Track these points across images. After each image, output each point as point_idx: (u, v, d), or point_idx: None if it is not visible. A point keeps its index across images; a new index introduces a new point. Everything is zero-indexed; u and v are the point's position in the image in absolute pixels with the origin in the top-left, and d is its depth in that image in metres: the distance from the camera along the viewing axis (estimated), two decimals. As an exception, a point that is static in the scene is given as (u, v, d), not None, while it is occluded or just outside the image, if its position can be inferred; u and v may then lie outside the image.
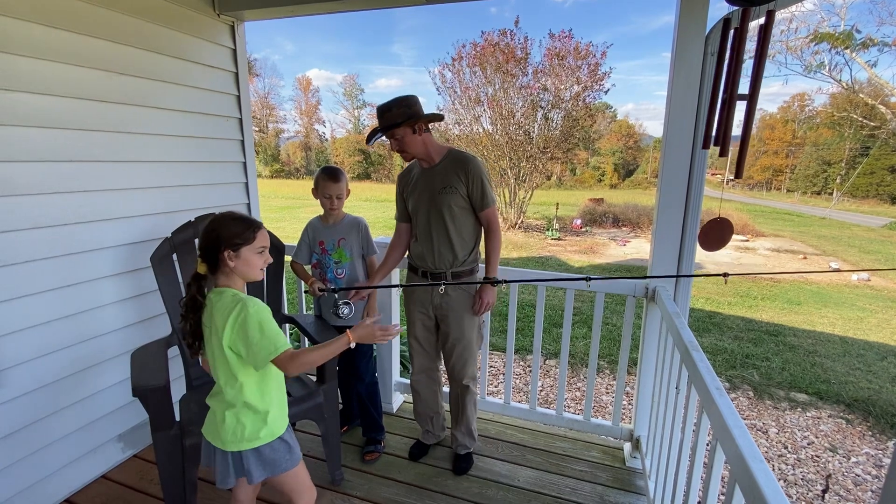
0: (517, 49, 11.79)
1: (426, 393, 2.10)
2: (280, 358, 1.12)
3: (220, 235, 1.13)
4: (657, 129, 56.84)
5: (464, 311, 1.90)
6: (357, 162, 44.87)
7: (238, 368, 1.15)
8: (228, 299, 1.13)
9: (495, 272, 1.87)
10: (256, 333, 1.10)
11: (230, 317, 1.10)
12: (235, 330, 1.10)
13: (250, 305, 1.11)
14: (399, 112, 1.75)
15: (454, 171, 1.82)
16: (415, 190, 1.90)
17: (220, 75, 2.37)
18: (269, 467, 1.21)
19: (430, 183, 1.85)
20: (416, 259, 1.95)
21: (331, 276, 2.03)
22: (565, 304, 2.11)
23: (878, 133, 19.53)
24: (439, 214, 1.83)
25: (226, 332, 1.11)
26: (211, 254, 1.14)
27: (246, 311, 1.10)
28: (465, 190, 1.82)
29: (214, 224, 1.16)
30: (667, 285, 1.90)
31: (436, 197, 1.82)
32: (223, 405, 1.18)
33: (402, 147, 1.79)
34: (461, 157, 1.85)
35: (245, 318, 1.10)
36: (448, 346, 1.96)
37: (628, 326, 2.05)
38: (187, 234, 1.94)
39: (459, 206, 1.83)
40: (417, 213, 1.90)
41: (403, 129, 1.76)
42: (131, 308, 2.03)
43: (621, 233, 13.10)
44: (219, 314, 1.13)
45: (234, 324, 1.10)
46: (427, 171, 1.87)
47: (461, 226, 1.86)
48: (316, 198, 2.01)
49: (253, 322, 1.10)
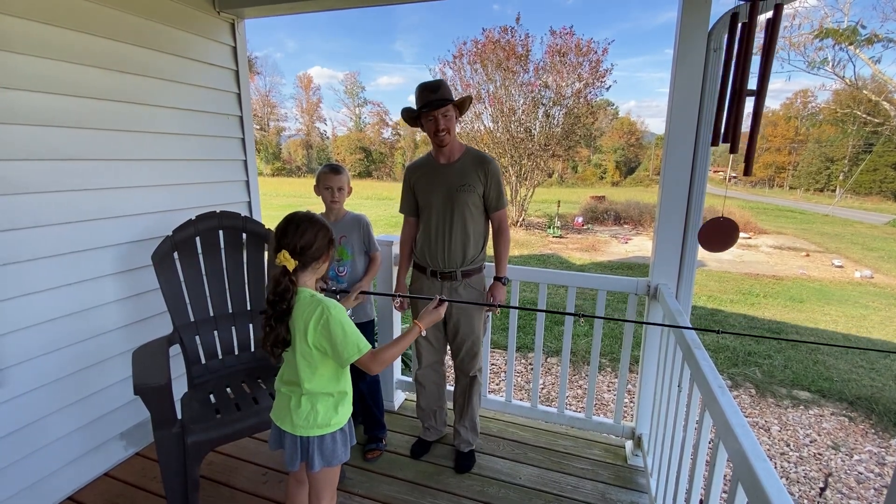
0: (518, 46, 11.76)
1: (431, 387, 2.11)
2: (363, 359, 1.19)
3: (328, 235, 1.24)
4: (659, 127, 56.61)
5: (473, 308, 1.91)
6: (358, 160, 44.81)
7: (319, 361, 1.21)
8: (308, 298, 1.20)
9: (505, 272, 1.88)
10: (340, 334, 1.16)
11: (314, 317, 1.16)
12: (319, 330, 1.17)
13: (332, 307, 1.17)
14: (448, 91, 1.77)
15: (474, 169, 1.82)
16: (428, 185, 1.89)
17: (221, 73, 2.37)
18: (328, 458, 1.26)
19: (447, 179, 1.84)
20: (424, 257, 1.93)
21: (332, 273, 2.03)
22: (567, 303, 2.10)
23: (881, 129, 19.43)
24: (455, 212, 1.82)
25: (310, 331, 1.17)
26: (314, 251, 1.20)
27: (329, 312, 1.16)
28: (482, 189, 1.83)
29: (318, 224, 1.22)
30: (669, 283, 1.89)
31: (453, 194, 1.82)
32: (299, 392, 1.23)
33: (448, 126, 1.78)
34: (482, 156, 1.86)
35: (328, 320, 1.15)
36: (457, 342, 1.96)
37: (630, 324, 2.04)
38: (188, 233, 1.94)
39: (475, 205, 1.84)
40: (430, 208, 1.88)
41: (452, 108, 1.78)
42: (132, 306, 2.03)
43: (623, 230, 13.08)
44: (302, 312, 1.19)
45: (318, 324, 1.16)
46: (444, 166, 1.86)
47: (475, 225, 1.86)
48: (318, 194, 2.01)
49: (336, 323, 1.16)
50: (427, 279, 1.94)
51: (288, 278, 1.17)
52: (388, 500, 1.84)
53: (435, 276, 1.91)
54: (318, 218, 1.25)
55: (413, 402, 2.43)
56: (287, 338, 1.21)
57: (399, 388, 2.53)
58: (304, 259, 1.19)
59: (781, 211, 20.71)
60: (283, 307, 1.18)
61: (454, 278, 1.88)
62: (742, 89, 1.21)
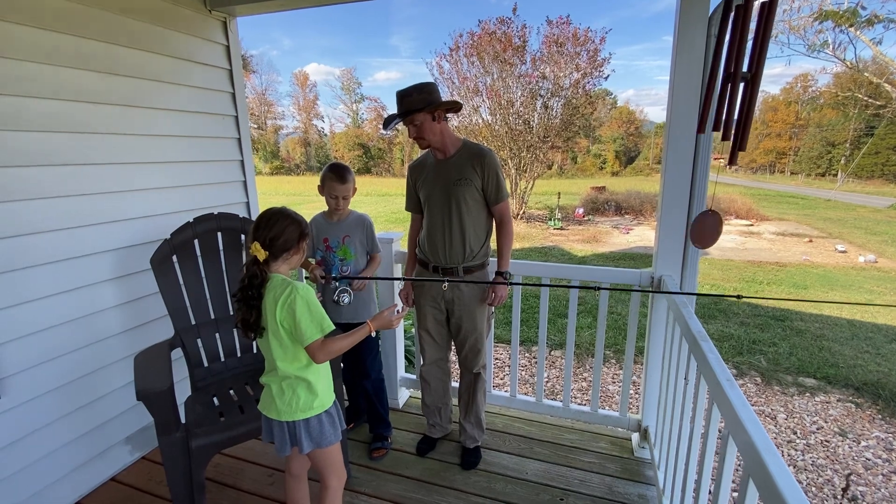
0: (515, 37, 11.64)
1: (436, 383, 2.10)
2: (313, 344, 1.24)
3: (299, 227, 1.30)
4: (659, 115, 56.22)
5: (475, 304, 1.90)
6: (357, 156, 44.69)
7: (289, 343, 1.27)
8: (279, 281, 1.27)
9: (507, 266, 1.87)
10: (305, 312, 1.23)
11: (282, 296, 1.23)
12: (286, 308, 1.23)
13: (300, 288, 1.24)
14: (419, 98, 1.73)
15: (470, 163, 1.80)
16: (428, 181, 1.88)
17: (214, 73, 2.34)
18: (317, 439, 1.32)
19: (444, 174, 1.83)
20: (427, 253, 1.93)
21: (335, 273, 2.02)
22: (570, 295, 2.09)
23: (882, 112, 19.27)
24: (453, 207, 1.81)
25: (278, 309, 1.23)
26: (282, 243, 1.27)
27: (297, 292, 1.23)
28: (479, 183, 1.81)
29: (288, 218, 1.28)
30: (673, 273, 1.87)
31: (450, 189, 1.81)
32: (278, 378, 1.30)
33: (421, 133, 1.77)
34: (477, 149, 1.84)
35: (294, 298, 1.22)
36: (461, 338, 1.95)
37: (634, 316, 2.03)
38: (186, 235, 1.92)
39: (474, 198, 1.82)
40: (430, 205, 1.88)
41: (423, 115, 1.74)
42: (132, 311, 2.02)
43: (624, 221, 13.04)
44: (272, 294, 1.25)
45: (285, 303, 1.23)
46: (442, 162, 1.85)
47: (475, 219, 1.84)
48: (322, 195, 1.99)
49: (301, 301, 1.23)
50: (429, 275, 1.92)
51: (258, 267, 1.25)
52: (395, 498, 1.83)
53: (437, 271, 1.89)
54: (289, 212, 1.31)
55: (418, 400, 2.43)
56: (259, 321, 1.27)
57: (403, 386, 2.52)
58: (274, 250, 1.27)
59: (783, 197, 20.61)
60: (251, 292, 1.25)
61: (456, 274, 1.87)
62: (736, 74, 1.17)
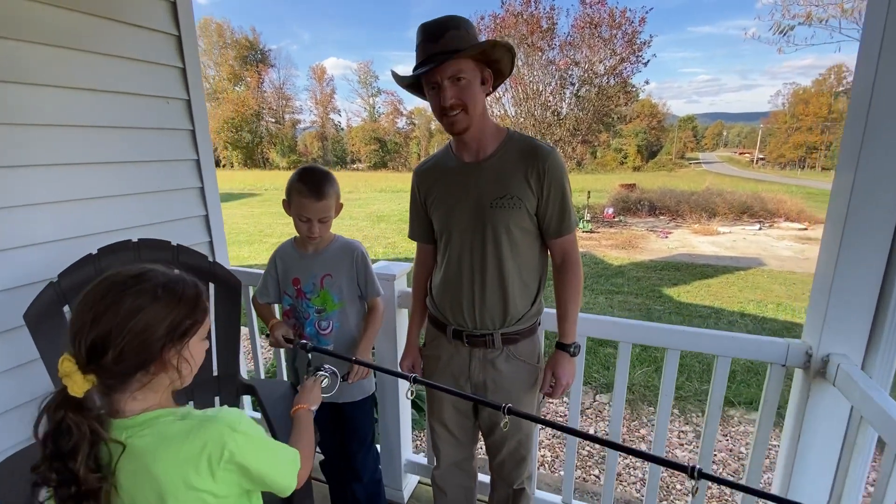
0: (542, 19, 10.73)
1: (455, 492, 1.43)
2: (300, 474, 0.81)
3: (153, 325, 0.65)
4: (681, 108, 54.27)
5: (522, 391, 1.21)
6: (373, 150, 44.42)
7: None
8: (175, 428, 0.66)
9: (574, 335, 1.18)
10: (266, 455, 0.73)
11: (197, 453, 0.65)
12: (224, 467, 0.67)
13: (231, 422, 0.68)
14: (467, 35, 1.02)
15: (521, 168, 1.09)
16: (447, 197, 1.18)
17: (154, 39, 1.69)
18: None
19: (476, 186, 1.12)
20: (443, 309, 1.23)
21: (311, 330, 1.35)
22: (665, 370, 1.36)
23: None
24: (489, 241, 1.12)
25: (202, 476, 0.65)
26: (125, 361, 0.63)
27: (232, 432, 0.67)
28: (534, 202, 1.10)
29: (132, 306, 0.64)
30: (850, 352, 1.14)
31: (485, 212, 1.10)
32: None
33: (462, 97, 1.04)
34: (534, 146, 1.11)
35: (236, 444, 0.67)
36: (495, 439, 1.28)
37: (770, 411, 1.29)
38: (84, 274, 1.28)
39: (522, 227, 1.12)
40: (451, 234, 1.17)
41: (472, 66, 1.03)
42: (16, 383, 1.39)
43: (660, 222, 11.99)
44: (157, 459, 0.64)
45: (219, 460, 0.66)
46: (472, 166, 1.14)
47: (524, 261, 1.15)
48: (289, 215, 1.31)
49: (254, 443, 0.71)
50: (448, 342, 1.24)
51: (72, 413, 0.61)
52: None
53: (460, 338, 1.20)
54: (152, 275, 0.68)
55: (429, 488, 1.75)
56: None
57: (409, 472, 1.84)
58: (108, 372, 0.63)
59: (825, 195, 19.12)
60: (73, 467, 0.60)
61: (490, 345, 1.18)
62: None
